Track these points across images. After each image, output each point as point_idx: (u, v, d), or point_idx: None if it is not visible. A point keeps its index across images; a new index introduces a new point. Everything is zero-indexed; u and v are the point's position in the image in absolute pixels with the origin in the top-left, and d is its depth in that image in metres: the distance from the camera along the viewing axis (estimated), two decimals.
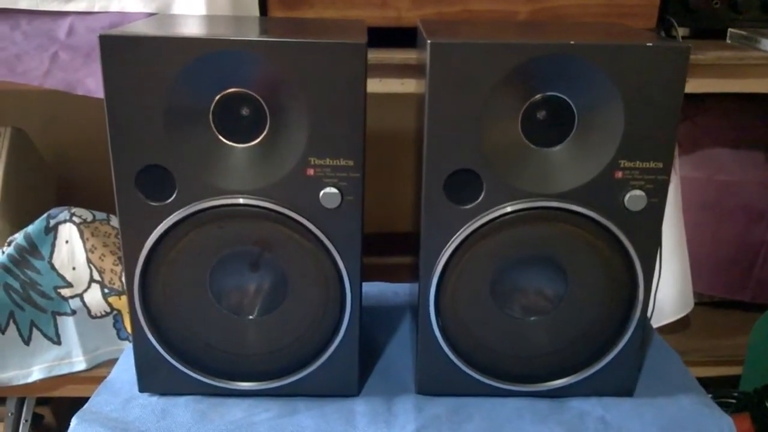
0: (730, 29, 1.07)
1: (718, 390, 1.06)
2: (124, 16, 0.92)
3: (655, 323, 1.13)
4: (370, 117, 0.65)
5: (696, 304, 1.21)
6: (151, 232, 0.65)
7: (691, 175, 1.22)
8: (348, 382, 0.73)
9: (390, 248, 1.21)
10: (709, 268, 1.27)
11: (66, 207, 1.10)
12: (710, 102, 1.25)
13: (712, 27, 1.08)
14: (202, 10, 0.91)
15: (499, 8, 0.97)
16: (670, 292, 1.15)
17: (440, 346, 0.70)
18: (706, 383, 0.78)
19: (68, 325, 1.08)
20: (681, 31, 1.05)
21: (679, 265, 1.14)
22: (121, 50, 0.60)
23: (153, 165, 0.63)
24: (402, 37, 0.90)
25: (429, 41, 0.61)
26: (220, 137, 0.64)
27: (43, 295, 1.06)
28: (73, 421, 0.68)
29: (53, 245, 1.07)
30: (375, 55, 0.92)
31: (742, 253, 1.26)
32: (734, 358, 1.20)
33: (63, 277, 1.07)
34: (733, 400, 1.06)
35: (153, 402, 0.71)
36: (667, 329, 1.17)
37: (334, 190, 0.64)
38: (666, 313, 1.16)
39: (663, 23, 1.03)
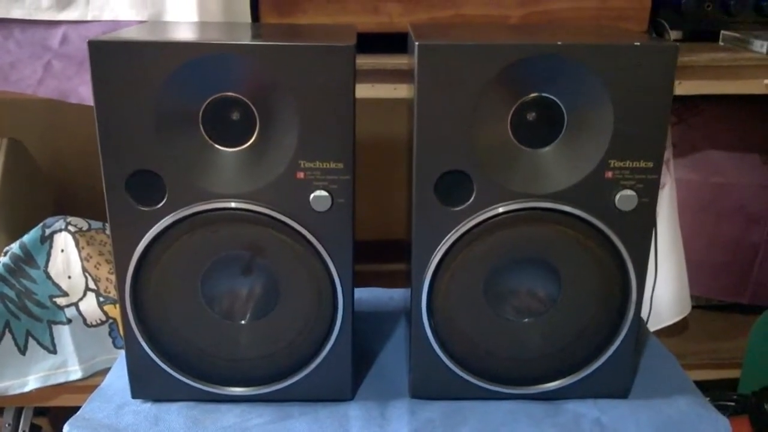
0: (722, 31, 1.07)
1: (717, 393, 1.06)
2: (116, 25, 0.93)
3: (653, 327, 1.13)
4: (363, 124, 0.65)
5: (693, 307, 1.20)
6: (141, 237, 0.65)
7: (686, 177, 1.22)
8: (342, 387, 0.72)
9: (385, 255, 1.21)
10: (706, 271, 1.26)
11: (61, 216, 1.10)
12: (705, 104, 1.25)
13: (704, 29, 1.08)
14: (194, 18, 0.91)
15: (491, 13, 0.97)
16: (667, 296, 1.15)
17: (433, 349, 0.70)
18: (705, 386, 0.78)
19: (64, 334, 1.08)
20: (673, 34, 1.05)
21: (675, 268, 1.14)
22: (111, 56, 0.60)
23: (143, 170, 0.63)
24: (395, 43, 0.91)
25: (417, 43, 0.61)
26: (210, 141, 0.64)
27: (39, 304, 1.06)
28: (66, 428, 0.68)
29: (49, 254, 1.07)
30: (367, 61, 0.93)
31: (739, 256, 1.25)
32: (733, 361, 1.20)
33: (58, 286, 1.07)
34: (732, 403, 1.06)
35: (146, 408, 0.71)
36: (665, 332, 1.17)
37: (324, 193, 0.64)
38: (663, 317, 1.16)
39: (655, 26, 1.03)
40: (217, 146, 0.64)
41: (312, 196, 0.64)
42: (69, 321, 1.07)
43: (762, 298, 1.27)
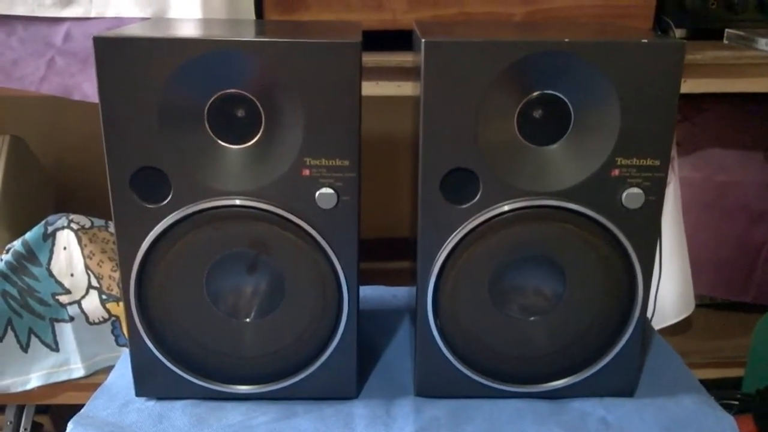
0: (727, 30, 1.07)
1: (721, 392, 1.06)
2: (120, 22, 0.93)
3: (657, 325, 1.13)
4: (368, 122, 0.64)
5: (697, 305, 1.20)
6: (146, 235, 0.64)
7: (690, 175, 1.21)
8: (346, 385, 0.72)
9: (390, 253, 1.21)
10: (710, 270, 1.26)
11: (64, 213, 1.10)
12: (709, 103, 1.25)
13: (708, 28, 1.08)
14: (198, 14, 0.91)
15: (495, 10, 0.97)
16: (671, 294, 1.14)
17: (438, 347, 0.70)
18: (708, 385, 0.78)
19: (66, 332, 1.08)
20: (678, 33, 1.05)
21: (679, 266, 1.14)
22: (115, 52, 0.60)
23: (148, 167, 0.63)
24: (399, 41, 0.90)
25: (423, 40, 0.60)
26: (215, 138, 0.64)
27: (41, 301, 1.06)
28: (70, 426, 0.68)
29: (51, 252, 1.07)
30: (372, 59, 0.92)
31: (743, 254, 1.25)
32: (736, 359, 1.20)
33: (61, 284, 1.07)
34: (736, 402, 1.06)
35: (150, 406, 0.71)
36: (669, 331, 1.17)
37: (329, 190, 0.64)
38: (667, 315, 1.16)
39: (660, 24, 1.03)
40: (222, 143, 0.64)
41: (317, 193, 0.64)
42: (71, 319, 1.07)
43: (766, 297, 1.27)
